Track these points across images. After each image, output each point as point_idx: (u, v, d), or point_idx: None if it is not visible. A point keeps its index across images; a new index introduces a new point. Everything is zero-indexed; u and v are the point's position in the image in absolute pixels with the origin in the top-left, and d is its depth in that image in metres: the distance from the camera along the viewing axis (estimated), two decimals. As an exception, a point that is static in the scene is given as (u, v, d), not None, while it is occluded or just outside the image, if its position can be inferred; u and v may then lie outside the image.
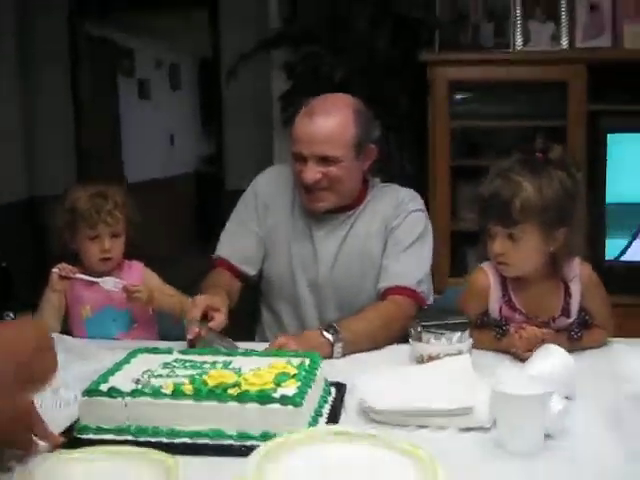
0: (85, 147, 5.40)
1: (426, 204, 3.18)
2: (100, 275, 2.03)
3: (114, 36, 6.45)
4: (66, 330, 2.02)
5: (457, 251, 3.22)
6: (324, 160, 1.99)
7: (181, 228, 7.07)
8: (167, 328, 2.08)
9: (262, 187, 2.23)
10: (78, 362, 1.74)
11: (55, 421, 1.36)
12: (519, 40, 3.29)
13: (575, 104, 3.13)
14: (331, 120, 2.00)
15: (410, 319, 1.77)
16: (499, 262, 1.77)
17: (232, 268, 2.15)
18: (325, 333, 1.83)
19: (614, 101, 3.10)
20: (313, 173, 2.00)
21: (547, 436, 1.30)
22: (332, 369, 1.66)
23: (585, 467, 1.22)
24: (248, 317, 2.27)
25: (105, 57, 6.32)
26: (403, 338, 1.84)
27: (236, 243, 2.18)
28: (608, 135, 3.05)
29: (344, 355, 1.83)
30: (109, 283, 2.00)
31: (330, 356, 1.79)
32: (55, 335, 1.84)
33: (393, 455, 1.15)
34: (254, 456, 1.12)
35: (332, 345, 1.82)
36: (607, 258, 3.12)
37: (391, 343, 1.90)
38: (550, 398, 1.26)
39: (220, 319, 1.82)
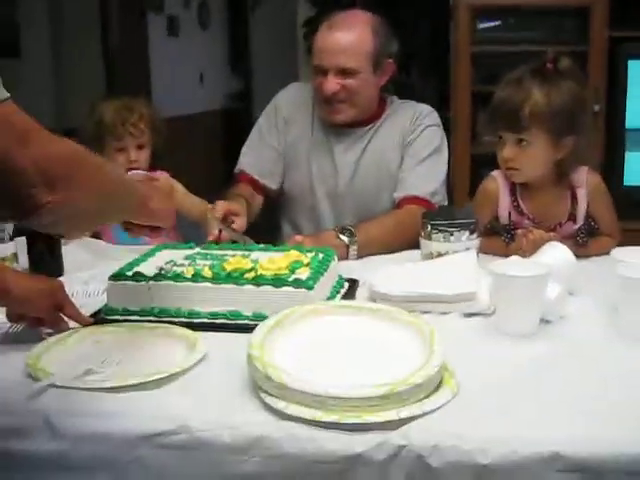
0: (116, 83, 5.47)
1: (447, 128, 3.26)
2: None
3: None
4: (95, 236, 2.10)
5: (476, 173, 3.25)
6: (343, 72, 2.07)
7: (210, 163, 7.15)
8: (191, 237, 2.17)
9: (283, 102, 2.29)
10: (106, 261, 1.85)
11: (84, 307, 1.47)
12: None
13: (597, 30, 3.13)
14: (351, 33, 2.08)
15: (423, 227, 1.85)
16: (508, 168, 1.82)
17: (254, 182, 2.23)
18: (341, 235, 1.91)
19: (636, 27, 3.09)
20: (332, 84, 2.08)
21: (546, 321, 1.37)
22: (347, 268, 1.74)
23: (580, 348, 1.28)
24: (269, 233, 2.32)
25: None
26: (416, 246, 1.89)
27: (257, 157, 2.25)
28: (629, 61, 3.05)
29: (359, 257, 1.90)
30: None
31: (345, 257, 1.87)
32: (84, 238, 1.94)
33: (395, 326, 1.24)
34: (263, 324, 1.20)
35: (347, 247, 1.90)
36: (625, 183, 3.15)
37: (404, 249, 1.94)
38: (546, 281, 1.33)
39: (241, 222, 1.90)
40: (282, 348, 1.15)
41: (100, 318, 1.45)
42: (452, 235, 1.70)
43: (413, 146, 2.17)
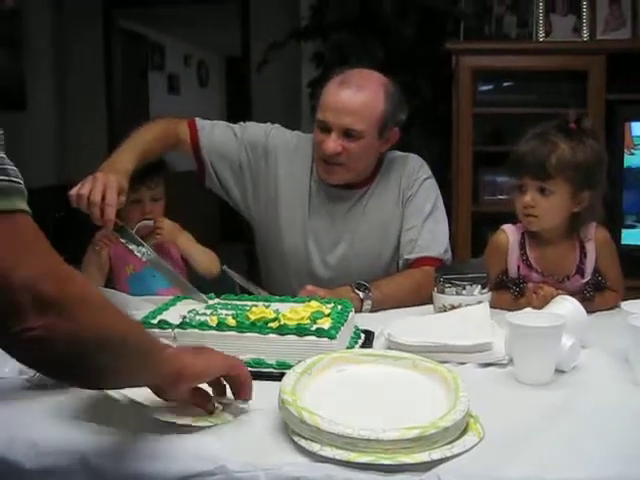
0: (118, 139, 5.54)
1: (450, 188, 3.34)
2: (142, 237, 2.12)
3: (146, 31, 6.62)
4: (109, 286, 2.13)
5: (478, 233, 3.33)
6: (347, 134, 2.00)
7: (206, 221, 7.23)
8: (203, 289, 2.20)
9: (280, 151, 2.19)
10: (125, 310, 1.88)
11: None
12: (541, 32, 3.41)
13: (595, 93, 3.25)
14: (362, 93, 2.00)
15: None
16: (527, 214, 1.88)
17: (195, 140, 2.18)
18: (356, 289, 1.93)
19: (632, 90, 3.21)
20: (334, 145, 2.00)
21: (560, 371, 1.42)
22: (361, 319, 1.78)
23: (595, 394, 1.33)
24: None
25: (137, 51, 6.50)
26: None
27: (218, 135, 2.20)
28: (625, 123, 3.16)
29: (372, 312, 1.92)
30: (144, 253, 1.88)
31: (359, 311, 1.88)
32: (101, 288, 1.97)
33: (418, 373, 1.28)
34: (292, 371, 1.25)
35: (362, 301, 1.92)
36: (623, 242, 3.22)
37: (418, 308, 1.97)
38: (562, 332, 1.38)
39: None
40: (312, 394, 1.20)
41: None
42: (464, 289, 1.75)
43: (414, 202, 2.14)
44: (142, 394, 1.17)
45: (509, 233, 1.95)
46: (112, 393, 1.18)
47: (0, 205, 0.83)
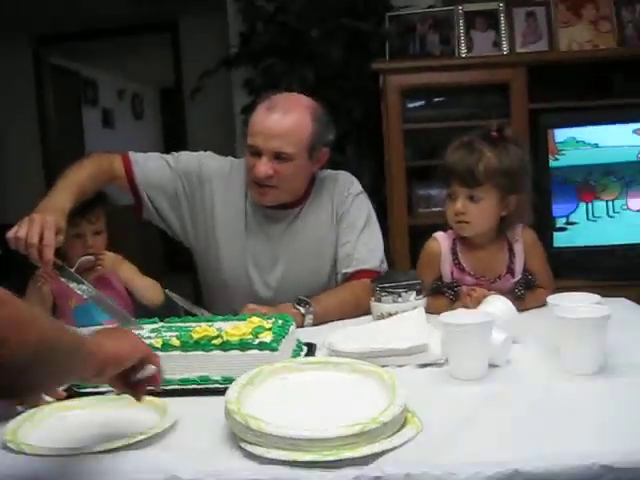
0: (53, 176, 5.51)
1: (384, 204, 3.42)
2: (84, 271, 2.10)
3: (77, 66, 6.62)
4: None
5: (415, 245, 3.39)
6: (277, 157, 2.04)
7: (149, 258, 7.21)
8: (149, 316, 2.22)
9: (215, 178, 2.22)
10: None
11: None
12: (463, 48, 3.53)
13: (517, 103, 3.37)
14: (290, 117, 2.05)
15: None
16: (459, 221, 1.97)
17: (130, 174, 2.20)
18: (297, 305, 1.98)
19: (552, 99, 3.34)
20: (266, 168, 2.04)
21: (494, 366, 1.49)
22: (304, 333, 1.84)
23: (527, 383, 1.42)
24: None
25: (70, 87, 6.49)
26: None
27: (152, 168, 2.23)
28: (548, 130, 3.28)
29: (314, 326, 1.97)
30: (84, 291, 1.89)
31: (301, 326, 1.93)
32: None
33: (357, 376, 1.34)
34: (236, 383, 1.29)
35: (303, 316, 1.97)
36: (555, 245, 3.34)
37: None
38: (491, 327, 1.45)
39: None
40: (256, 402, 1.24)
41: (72, 392, 1.48)
42: (400, 296, 1.82)
43: (347, 218, 2.20)
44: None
45: (441, 240, 2.03)
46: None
47: None
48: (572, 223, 3.37)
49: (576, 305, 1.52)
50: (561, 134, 3.29)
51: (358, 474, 1.06)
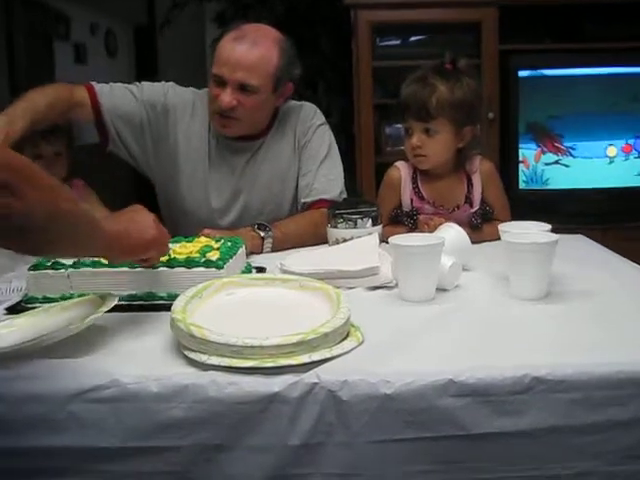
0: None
1: (352, 141, 3.42)
2: None
3: (49, 0, 6.47)
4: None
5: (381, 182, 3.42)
6: (242, 88, 2.03)
7: (118, 196, 7.17)
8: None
9: (179, 108, 2.20)
10: (26, 262, 1.90)
11: (7, 302, 1.56)
12: (436, -15, 3.49)
13: (488, 44, 3.36)
14: (257, 49, 2.03)
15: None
16: (416, 155, 1.99)
17: (96, 103, 2.15)
18: (256, 229, 1.99)
19: (522, 41, 3.34)
20: (230, 99, 2.03)
21: (443, 290, 1.51)
22: (256, 258, 1.86)
23: (472, 305, 1.44)
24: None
25: (41, 21, 6.35)
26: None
27: (118, 97, 2.18)
28: (519, 72, 3.28)
29: (272, 252, 1.97)
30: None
31: (260, 251, 1.95)
32: None
33: (304, 292, 1.36)
34: (183, 295, 1.30)
35: (262, 240, 1.97)
36: (520, 187, 3.37)
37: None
38: (440, 250, 1.46)
39: None
40: (202, 313, 1.25)
41: (21, 307, 1.51)
42: (356, 223, 1.84)
43: (309, 148, 2.21)
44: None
45: (402, 169, 2.06)
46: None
47: None
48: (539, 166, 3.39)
49: (525, 232, 1.54)
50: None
51: (296, 380, 1.08)
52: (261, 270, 1.72)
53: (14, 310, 1.50)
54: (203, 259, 1.51)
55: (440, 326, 1.31)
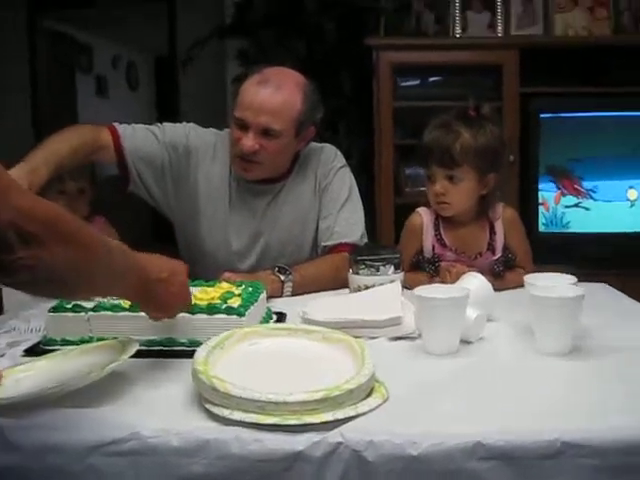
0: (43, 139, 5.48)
1: (372, 181, 3.42)
2: None
3: (73, 31, 6.55)
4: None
5: (400, 224, 3.39)
6: (265, 133, 2.02)
7: (137, 225, 7.19)
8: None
9: (201, 150, 2.19)
10: (45, 300, 1.89)
11: (26, 342, 1.55)
12: (458, 28, 3.51)
13: (509, 86, 3.36)
14: (280, 94, 2.02)
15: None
16: (439, 202, 1.98)
17: (118, 146, 2.13)
18: (276, 272, 1.97)
19: (544, 84, 3.33)
20: (252, 143, 2.02)
21: (466, 342, 1.49)
22: (276, 303, 1.84)
23: (497, 360, 1.42)
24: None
25: (64, 53, 6.42)
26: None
27: (140, 139, 2.17)
28: (540, 115, 3.28)
29: (293, 295, 1.96)
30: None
31: (279, 295, 1.94)
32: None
33: (327, 344, 1.34)
34: (205, 345, 1.29)
35: (282, 283, 1.95)
36: (540, 230, 3.34)
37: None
38: (465, 303, 1.45)
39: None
40: (224, 364, 1.23)
41: (40, 349, 1.50)
42: (378, 269, 1.82)
43: (330, 191, 2.20)
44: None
45: (424, 215, 2.04)
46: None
47: None
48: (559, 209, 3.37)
49: (551, 285, 1.52)
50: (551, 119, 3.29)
51: (320, 438, 1.06)
52: (281, 316, 1.70)
53: (32, 352, 1.49)
54: (224, 306, 1.50)
55: (466, 382, 1.29)
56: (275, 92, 2.02)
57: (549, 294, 1.44)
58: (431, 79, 3.57)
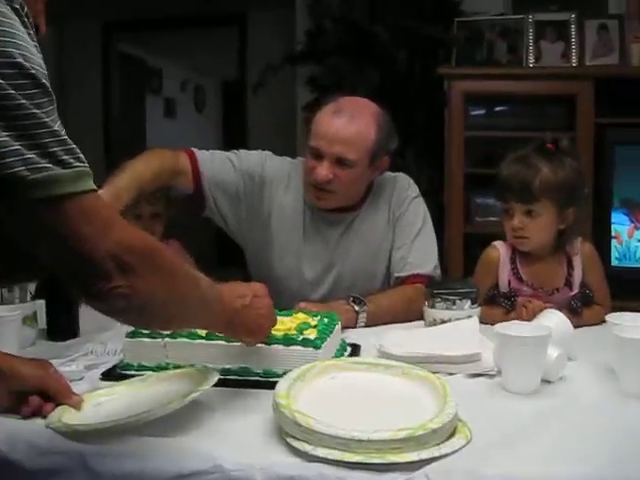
0: (113, 162, 5.59)
1: (442, 210, 3.40)
2: None
3: (144, 55, 6.70)
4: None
5: (470, 254, 3.36)
6: (339, 162, 2.02)
7: (203, 244, 7.25)
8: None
9: (275, 180, 2.20)
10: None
11: (104, 365, 1.58)
12: (531, 57, 3.48)
13: (583, 117, 3.31)
14: (355, 123, 2.02)
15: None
16: (517, 236, 1.95)
17: (196, 172, 2.14)
18: (351, 302, 1.96)
19: (620, 115, 3.27)
20: (326, 172, 2.02)
21: (547, 381, 1.45)
22: (349, 334, 1.83)
23: (580, 402, 1.37)
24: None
25: (135, 75, 6.57)
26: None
27: (218, 165, 2.17)
28: (615, 146, 3.22)
29: (366, 326, 1.95)
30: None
31: (354, 325, 1.93)
32: None
33: (408, 380, 1.32)
34: (287, 377, 1.28)
35: (357, 313, 1.94)
36: (613, 264, 3.27)
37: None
38: (548, 342, 1.42)
39: None
40: (305, 398, 1.23)
41: (117, 373, 1.52)
42: (455, 304, 1.80)
43: (403, 221, 2.18)
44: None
45: (500, 248, 2.02)
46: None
47: (81, 187, 0.98)
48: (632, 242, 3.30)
49: (634, 324, 1.48)
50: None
51: (405, 479, 1.04)
52: (356, 348, 1.69)
53: (110, 375, 1.51)
54: (301, 337, 1.50)
55: (549, 423, 1.25)
56: (350, 122, 2.02)
57: (636, 335, 1.40)
58: (503, 108, 3.54)
